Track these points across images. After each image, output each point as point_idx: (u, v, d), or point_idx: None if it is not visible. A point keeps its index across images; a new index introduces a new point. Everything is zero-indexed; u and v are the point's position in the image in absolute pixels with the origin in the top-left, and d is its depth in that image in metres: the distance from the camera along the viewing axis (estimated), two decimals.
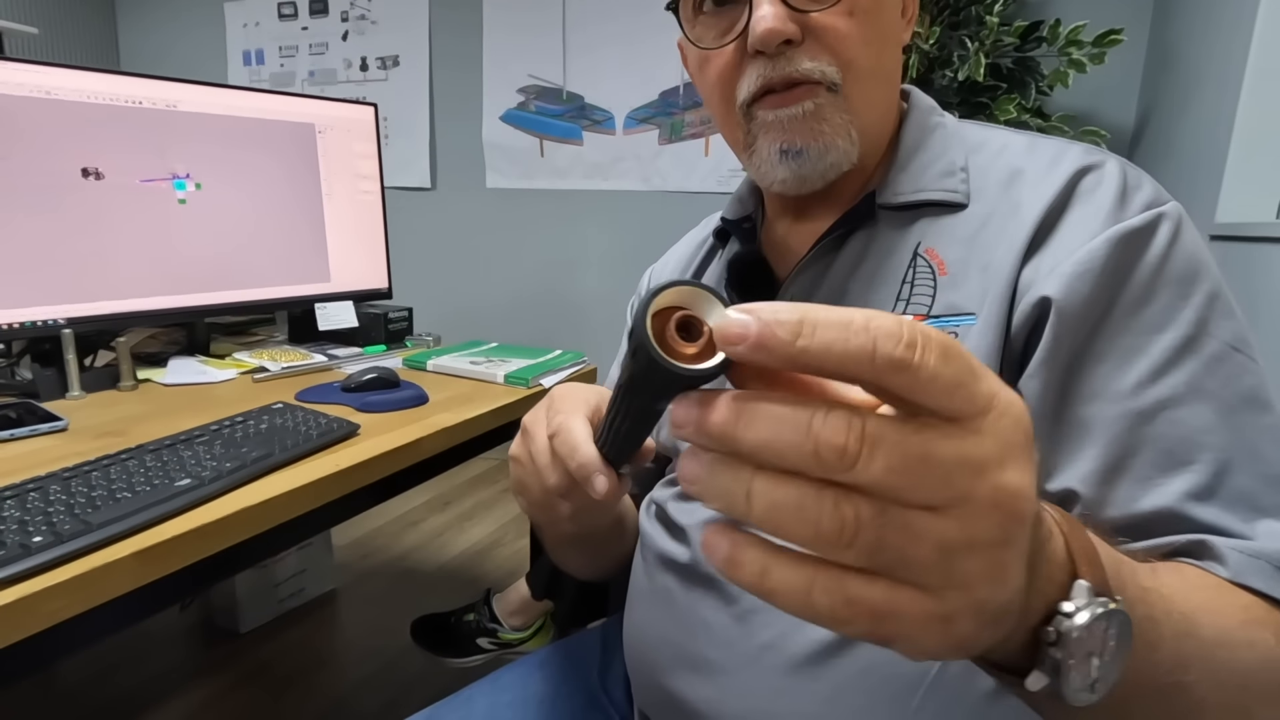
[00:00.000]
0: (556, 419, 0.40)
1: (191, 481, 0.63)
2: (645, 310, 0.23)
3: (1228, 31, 1.23)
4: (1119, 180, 0.44)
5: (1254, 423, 0.39)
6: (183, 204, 1.09)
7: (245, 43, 2.95)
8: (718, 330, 0.20)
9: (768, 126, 0.48)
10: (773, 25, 0.44)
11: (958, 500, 0.19)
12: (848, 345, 0.18)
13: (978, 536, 0.20)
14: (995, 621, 0.22)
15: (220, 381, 1.06)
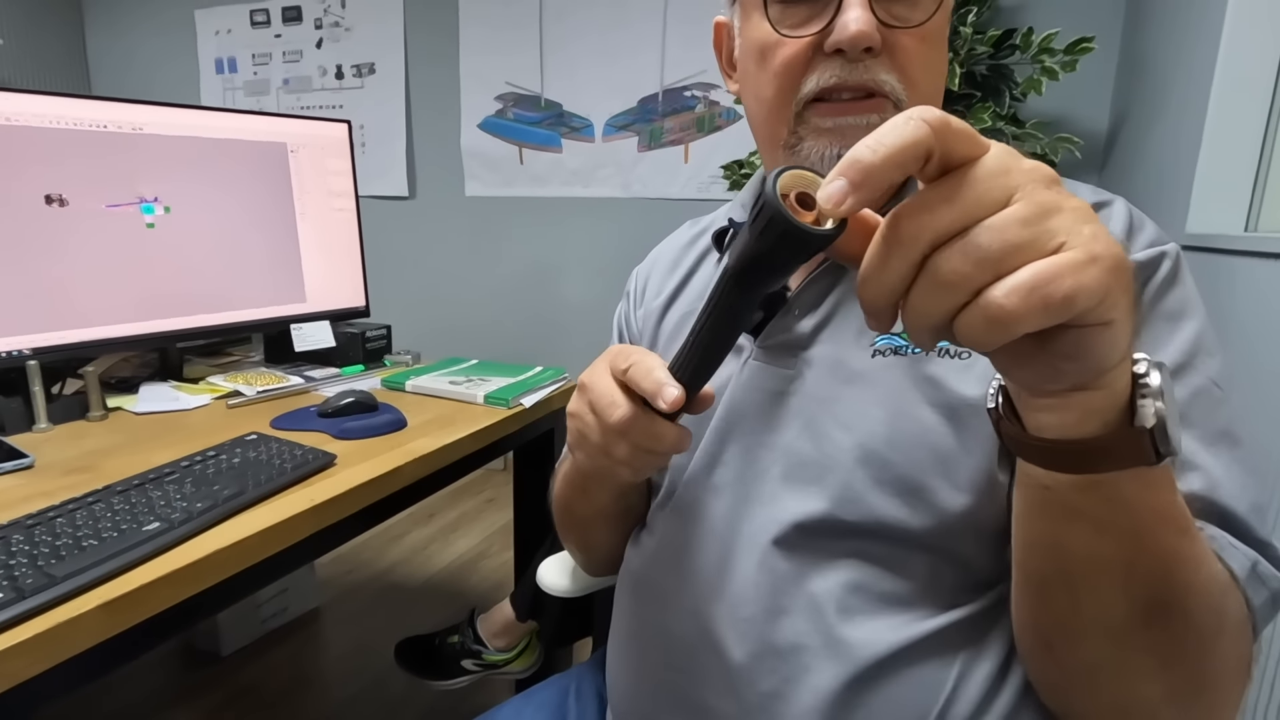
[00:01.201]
0: (632, 357, 0.42)
1: (160, 525, 0.62)
2: (774, 183, 0.28)
3: (1195, 43, 1.25)
4: (1126, 218, 0.47)
5: (1231, 453, 0.42)
6: (151, 228, 1.06)
7: (217, 50, 2.91)
8: (825, 198, 0.26)
9: (822, 132, 0.48)
10: (865, 29, 0.44)
11: (1006, 191, 0.25)
12: (905, 131, 0.25)
13: (1040, 199, 0.25)
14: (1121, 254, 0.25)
15: (193, 408, 1.05)
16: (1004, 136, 1.57)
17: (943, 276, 0.25)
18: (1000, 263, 0.24)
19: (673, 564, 0.54)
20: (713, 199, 2.20)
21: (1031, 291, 0.24)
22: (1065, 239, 0.25)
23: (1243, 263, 0.99)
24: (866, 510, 0.46)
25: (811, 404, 0.49)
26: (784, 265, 0.30)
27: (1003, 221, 0.25)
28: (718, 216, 0.66)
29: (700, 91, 2.19)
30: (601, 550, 0.65)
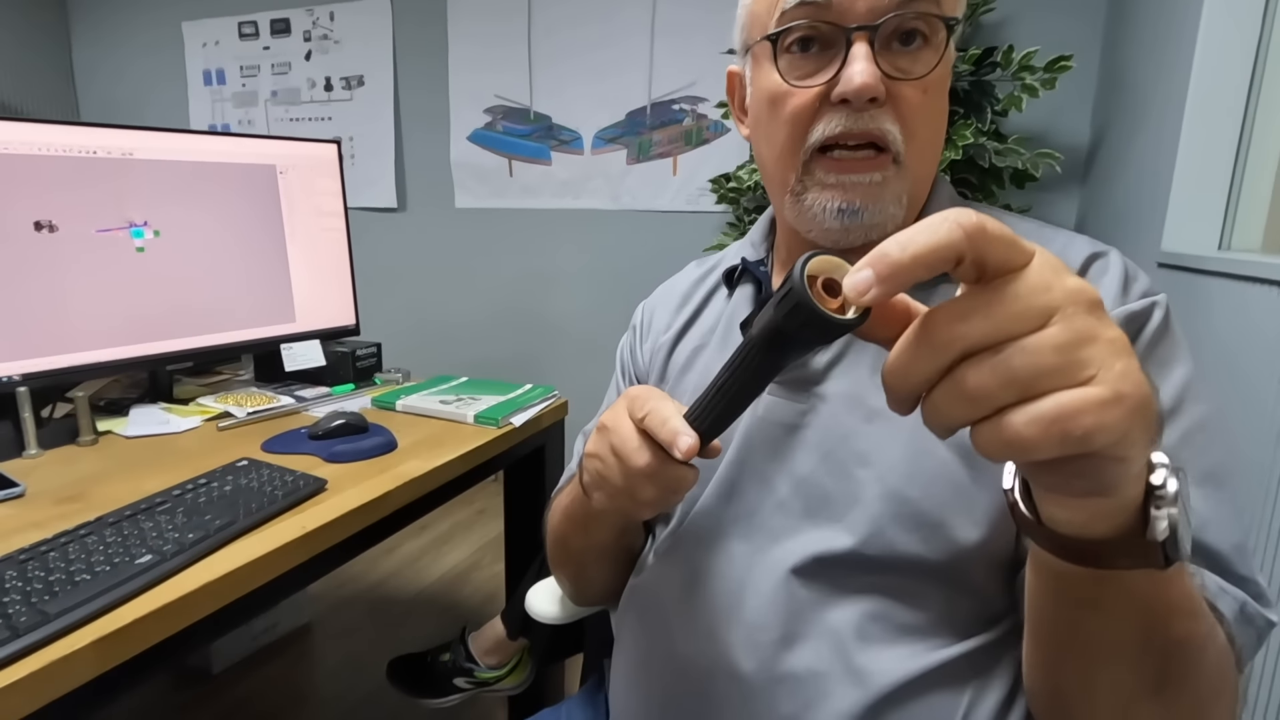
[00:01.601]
0: (649, 404, 0.43)
1: (153, 558, 0.63)
2: (802, 269, 0.29)
3: (1170, 63, 1.27)
4: (1122, 270, 0.49)
5: (1217, 494, 0.44)
6: (141, 252, 1.07)
7: (205, 62, 2.91)
8: (851, 287, 0.26)
9: (827, 186, 0.50)
10: (870, 81, 0.46)
11: (1047, 312, 0.25)
12: (938, 234, 0.25)
13: (1079, 327, 0.25)
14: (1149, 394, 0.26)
15: (184, 431, 1.05)
16: (986, 151, 1.60)
17: (968, 389, 0.25)
18: (1028, 386, 0.25)
19: (686, 591, 0.55)
20: (702, 211, 2.21)
21: (1052, 424, 0.24)
22: (1096, 371, 0.24)
23: (1216, 283, 1.01)
24: (887, 545, 0.47)
25: (829, 439, 0.51)
26: (806, 345, 0.32)
27: (1037, 344, 0.25)
28: (726, 255, 0.68)
29: (688, 105, 2.21)
30: (594, 585, 0.66)
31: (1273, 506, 0.84)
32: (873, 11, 0.46)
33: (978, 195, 1.69)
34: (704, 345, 0.62)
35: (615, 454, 0.45)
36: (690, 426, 0.41)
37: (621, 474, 0.45)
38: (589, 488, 0.50)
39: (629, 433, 0.44)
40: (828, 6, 0.47)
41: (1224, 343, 0.99)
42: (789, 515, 0.51)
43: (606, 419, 0.47)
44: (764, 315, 0.33)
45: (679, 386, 0.62)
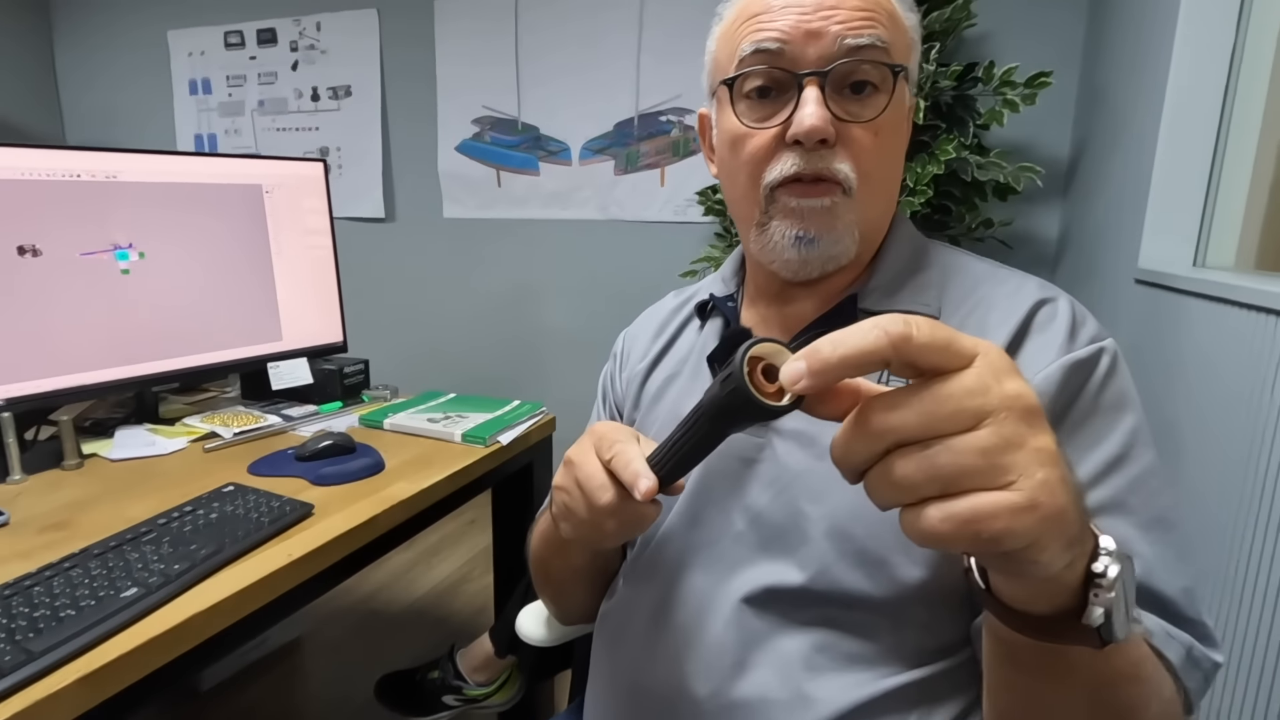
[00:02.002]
0: (615, 446, 0.45)
1: (138, 591, 0.63)
2: (743, 356, 0.32)
3: (1145, 83, 1.30)
4: (1070, 315, 0.50)
5: (1165, 539, 0.45)
6: (126, 274, 1.07)
7: (191, 71, 2.89)
8: (785, 377, 0.28)
9: (788, 212, 0.52)
10: (818, 124, 0.48)
11: (979, 415, 0.26)
12: (865, 339, 0.26)
13: (1008, 433, 0.26)
14: (1068, 504, 0.27)
15: (170, 453, 1.05)
16: (969, 165, 1.62)
17: (894, 477, 0.27)
18: (949, 483, 0.26)
19: (651, 618, 0.57)
20: (690, 221, 2.23)
21: (965, 524, 0.26)
22: (1016, 478, 0.26)
23: (1191, 302, 1.03)
24: (833, 581, 0.49)
25: (784, 474, 0.52)
26: (747, 423, 0.34)
27: (963, 445, 0.26)
28: (702, 286, 0.70)
29: (675, 116, 2.22)
30: (577, 605, 0.67)
31: (1244, 529, 0.86)
32: (823, 59, 0.49)
33: (961, 208, 1.71)
34: (676, 375, 0.63)
35: (581, 489, 0.47)
36: (651, 470, 0.42)
37: (586, 508, 0.46)
38: (557, 518, 0.52)
39: (594, 469, 0.46)
40: (781, 54, 0.50)
41: (1198, 363, 1.01)
42: (745, 546, 0.53)
43: (573, 454, 0.49)
44: (711, 390, 0.35)
45: (650, 415, 0.63)
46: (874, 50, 0.49)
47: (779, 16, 0.50)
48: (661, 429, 0.60)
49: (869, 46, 0.49)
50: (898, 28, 0.51)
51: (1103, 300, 1.45)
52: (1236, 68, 1.16)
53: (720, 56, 0.55)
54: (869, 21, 0.49)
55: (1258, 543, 0.82)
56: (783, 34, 0.49)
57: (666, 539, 0.57)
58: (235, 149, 2.87)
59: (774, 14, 0.50)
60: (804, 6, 0.49)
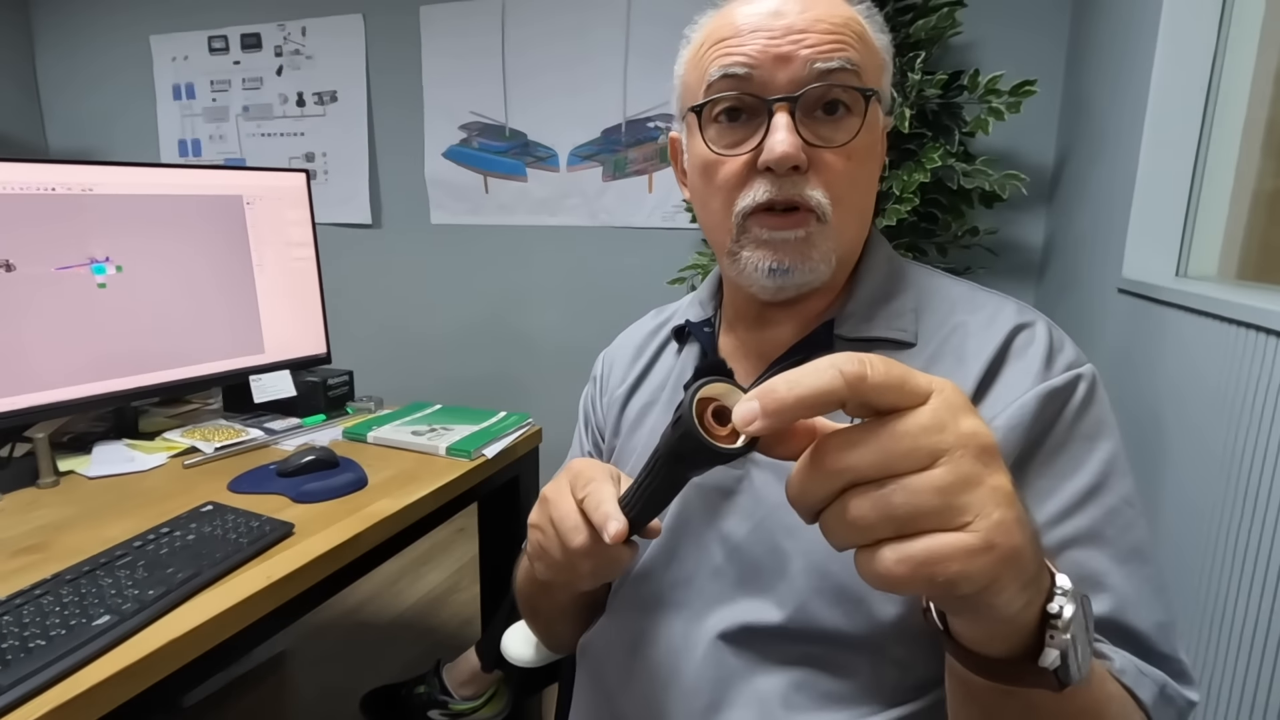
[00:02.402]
0: (589, 486, 0.44)
1: (111, 619, 0.62)
2: (692, 399, 0.31)
3: (1127, 92, 1.30)
4: (1047, 341, 0.50)
5: (1140, 572, 0.45)
6: (103, 288, 1.05)
7: (174, 76, 2.86)
8: (737, 418, 0.27)
9: (761, 243, 0.51)
10: (789, 150, 0.47)
11: (934, 454, 0.26)
12: (821, 379, 0.26)
13: (964, 472, 0.26)
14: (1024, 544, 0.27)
15: (149, 469, 1.03)
16: (955, 173, 1.62)
17: (849, 517, 0.26)
18: (904, 524, 0.25)
19: (628, 654, 0.56)
20: (678, 228, 2.22)
21: (919, 566, 0.25)
22: (972, 518, 0.25)
23: (1172, 313, 1.03)
24: (810, 619, 0.48)
25: (761, 507, 0.52)
26: (703, 466, 0.33)
27: (919, 484, 0.25)
28: (681, 307, 0.68)
29: (663, 122, 2.22)
30: (564, 637, 0.66)
31: (1221, 543, 0.86)
32: (793, 83, 0.48)
33: (947, 216, 1.71)
34: (654, 402, 0.62)
35: (555, 528, 0.46)
36: (622, 511, 0.41)
37: (560, 550, 0.46)
38: (531, 558, 0.51)
39: (569, 509, 0.45)
40: (749, 79, 0.49)
41: (1179, 375, 1.02)
42: (723, 582, 0.52)
43: (549, 492, 0.48)
44: (665, 434, 0.34)
45: (630, 443, 0.62)
46: (845, 74, 0.48)
47: (747, 41, 0.49)
48: (641, 456, 0.60)
49: (840, 70, 0.48)
50: (869, 50, 0.51)
51: (1087, 310, 1.46)
52: (1217, 78, 1.17)
53: (689, 81, 0.54)
54: (839, 44, 0.48)
55: (1238, 555, 0.82)
56: (751, 59, 0.48)
57: (644, 574, 0.56)
58: (220, 154, 2.85)
59: (742, 38, 0.49)
60: (772, 30, 0.48)
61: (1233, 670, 0.82)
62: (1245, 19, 1.13)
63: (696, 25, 0.55)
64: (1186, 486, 0.97)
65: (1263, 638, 0.76)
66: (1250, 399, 0.82)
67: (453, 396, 2.47)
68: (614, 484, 0.44)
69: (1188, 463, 0.97)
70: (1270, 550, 0.76)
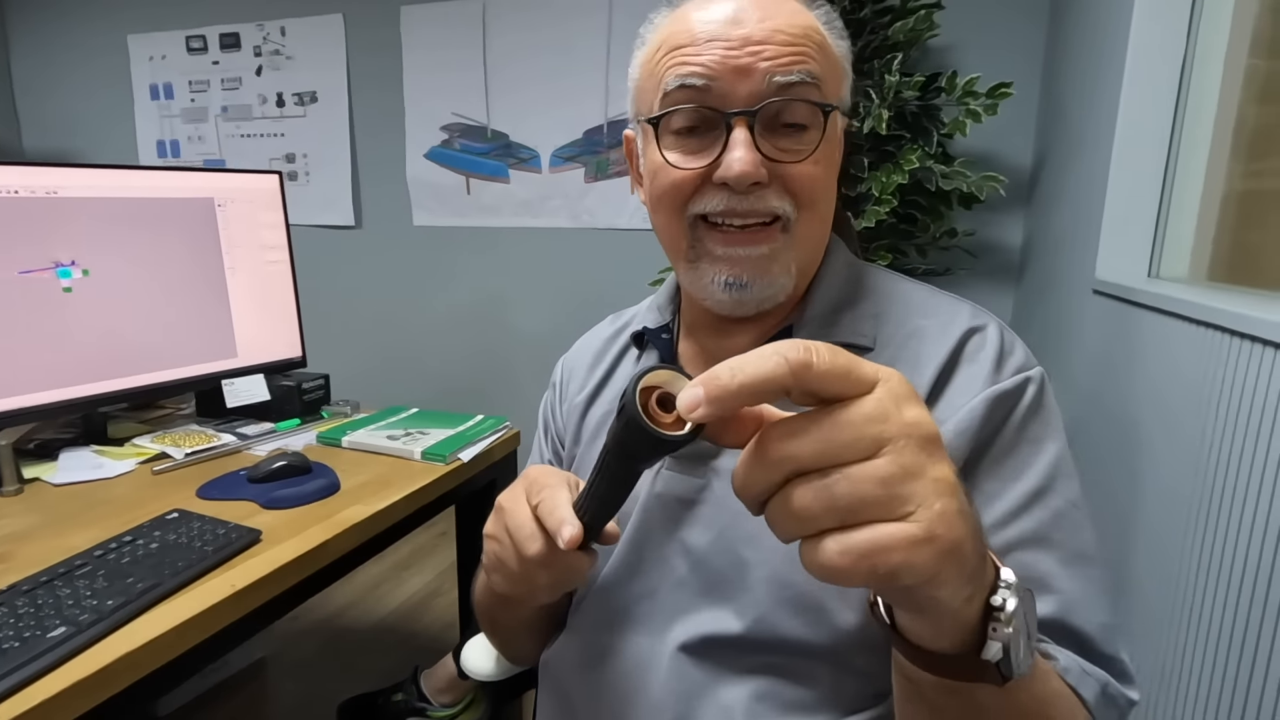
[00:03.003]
0: (543, 492, 0.43)
1: (67, 630, 0.60)
2: (635, 387, 0.30)
3: (1100, 96, 1.32)
4: (998, 344, 0.50)
5: (1085, 574, 0.45)
6: (68, 292, 1.03)
7: (152, 76, 2.83)
8: (681, 404, 0.27)
9: (716, 259, 0.50)
10: (748, 169, 0.46)
11: (878, 443, 0.25)
12: (765, 365, 0.25)
13: (907, 462, 0.25)
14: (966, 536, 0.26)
15: (117, 476, 1.02)
16: (933, 174, 1.63)
17: (793, 508, 0.26)
18: (847, 514, 0.25)
19: (590, 671, 0.55)
20: None
21: (862, 557, 0.25)
22: (914, 509, 0.25)
23: (1144, 314, 1.04)
24: (771, 628, 0.48)
25: (723, 515, 0.51)
26: (650, 456, 0.33)
27: (861, 474, 0.25)
28: (640, 311, 0.67)
29: None
30: (526, 651, 0.65)
31: (1191, 539, 0.87)
32: (751, 97, 0.47)
33: (926, 218, 1.72)
34: (614, 410, 0.61)
35: (510, 537, 0.45)
36: (577, 516, 0.41)
37: (516, 559, 0.45)
38: (488, 569, 0.50)
39: (524, 518, 0.44)
40: (708, 91, 0.47)
41: (1151, 375, 1.03)
42: (686, 592, 0.52)
43: (504, 500, 0.47)
44: (611, 427, 0.34)
45: (590, 451, 0.62)
46: (804, 87, 0.47)
47: (704, 50, 0.47)
48: None
49: (799, 84, 0.47)
50: (829, 60, 0.50)
51: (1064, 311, 1.47)
52: (1187, 81, 1.18)
53: (644, 86, 0.53)
54: (799, 57, 0.47)
55: (1210, 552, 0.83)
56: (709, 69, 0.47)
57: (606, 588, 0.55)
58: (199, 155, 2.82)
59: (699, 47, 0.48)
60: (730, 41, 0.47)
61: (1206, 664, 0.82)
62: (1213, 23, 1.15)
63: (651, 25, 0.53)
64: (1162, 485, 0.98)
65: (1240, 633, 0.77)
66: (1219, 400, 0.83)
67: (435, 400, 2.46)
68: (569, 490, 0.44)
69: (1163, 462, 0.98)
70: (1241, 546, 0.77)
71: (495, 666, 0.70)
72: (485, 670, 0.70)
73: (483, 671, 0.70)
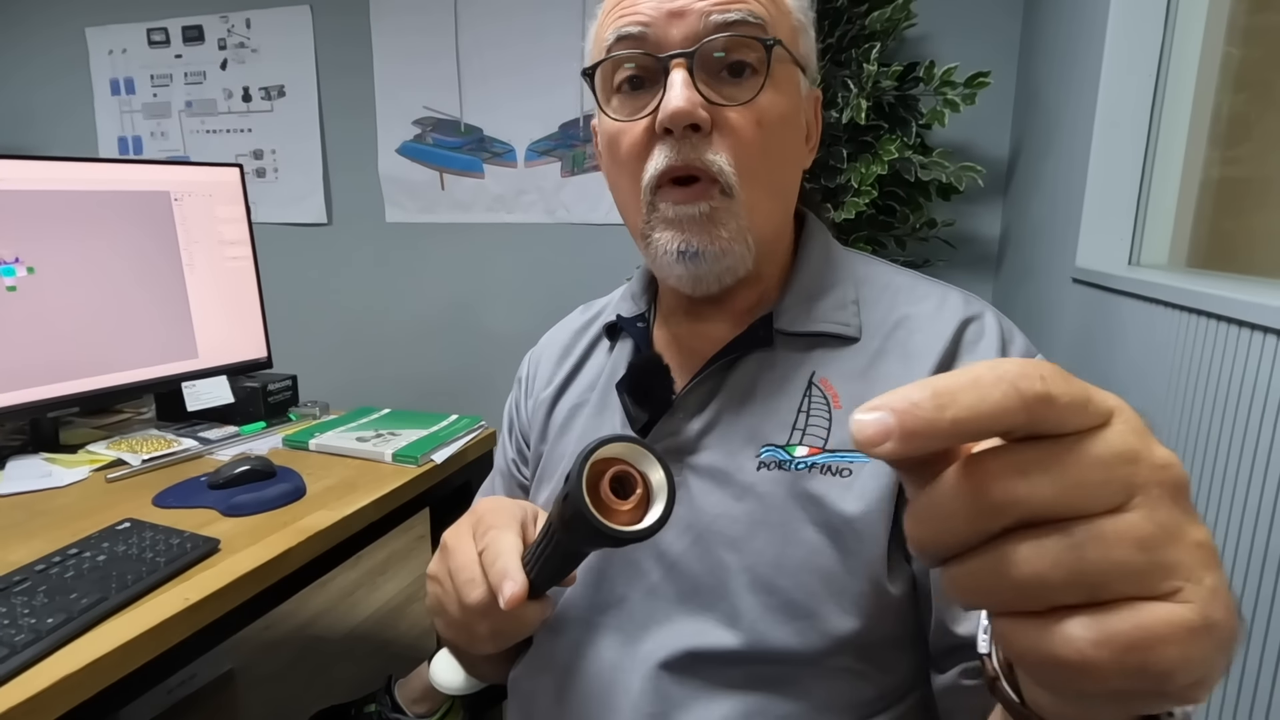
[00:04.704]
0: (488, 534, 0.40)
1: (1, 651, 0.56)
2: (582, 466, 0.25)
3: (1078, 86, 1.31)
4: (998, 333, 0.48)
5: None
6: (12, 291, 0.98)
7: (112, 71, 2.74)
8: (856, 431, 0.19)
9: (667, 222, 0.47)
10: (683, 105, 0.44)
11: (1130, 490, 0.19)
12: (989, 397, 0.18)
13: (1164, 519, 0.19)
14: (1236, 624, 0.20)
15: (67, 485, 0.96)
16: (912, 165, 1.62)
17: (1019, 575, 0.19)
18: (1098, 588, 0.19)
19: (557, 690, 0.51)
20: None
21: (1130, 650, 0.18)
22: (1183, 585, 0.19)
23: (1125, 301, 1.04)
24: (758, 637, 0.45)
25: (700, 518, 0.48)
26: (596, 546, 0.28)
27: (1116, 534, 0.18)
28: (611, 300, 0.64)
29: None
30: (493, 671, 0.62)
31: None
32: (688, 38, 0.45)
33: (905, 209, 1.71)
34: (583, 404, 0.58)
35: (452, 580, 0.41)
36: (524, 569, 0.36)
37: (458, 605, 0.41)
38: (430, 612, 0.47)
39: (468, 559, 0.40)
40: (644, 38, 0.46)
41: (1132, 361, 1.02)
42: (661, 601, 0.48)
43: (449, 538, 0.44)
44: (556, 502, 0.29)
45: (558, 448, 0.58)
46: (746, 25, 0.45)
47: (642, 1, 0.46)
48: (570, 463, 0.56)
49: (740, 22, 0.45)
50: (779, 7, 0.48)
51: (1044, 299, 1.47)
52: (1165, 70, 1.18)
53: (593, 52, 0.51)
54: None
55: None
56: (645, 16, 0.46)
57: (570, 602, 0.52)
58: (162, 151, 2.73)
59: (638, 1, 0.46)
60: None
61: None
62: (1190, 11, 1.14)
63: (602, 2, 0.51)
64: None
65: None
66: (1201, 383, 0.82)
67: (409, 400, 2.41)
68: (519, 531, 0.40)
69: None
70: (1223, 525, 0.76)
71: (465, 681, 0.67)
72: (454, 684, 0.67)
73: (452, 685, 0.67)
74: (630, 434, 0.27)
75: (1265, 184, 1.03)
